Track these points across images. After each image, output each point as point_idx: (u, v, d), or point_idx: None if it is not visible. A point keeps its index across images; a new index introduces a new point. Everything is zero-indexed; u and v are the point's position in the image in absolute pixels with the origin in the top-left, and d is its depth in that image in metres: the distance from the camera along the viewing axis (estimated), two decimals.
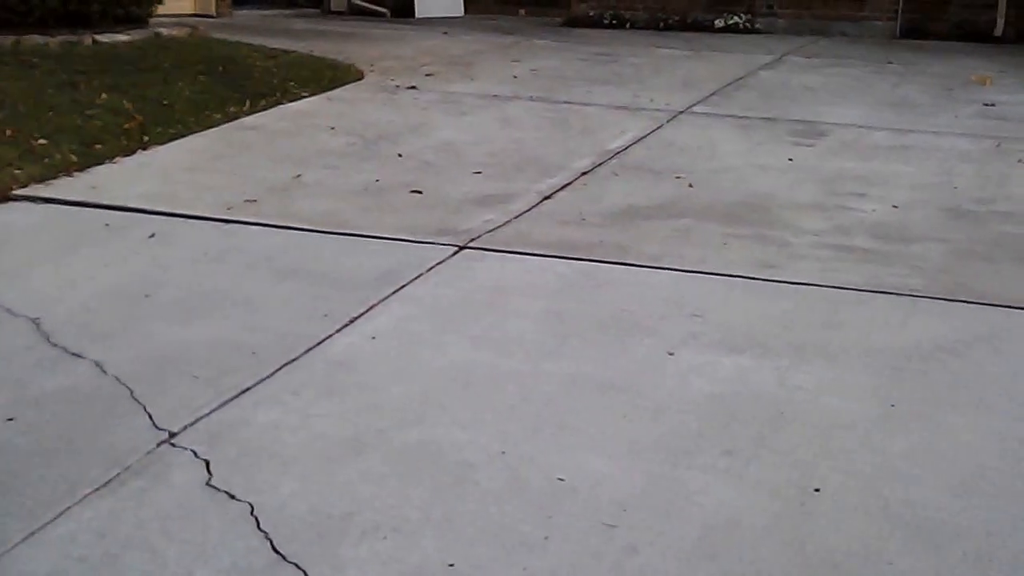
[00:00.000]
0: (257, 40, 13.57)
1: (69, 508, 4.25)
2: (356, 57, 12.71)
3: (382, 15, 18.72)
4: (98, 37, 11.92)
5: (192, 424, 4.86)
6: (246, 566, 3.87)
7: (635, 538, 4.09)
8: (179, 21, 14.18)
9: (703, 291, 6.27)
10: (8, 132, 8.74)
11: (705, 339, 5.63)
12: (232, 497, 4.30)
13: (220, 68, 11.29)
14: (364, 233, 7.15)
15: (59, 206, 7.67)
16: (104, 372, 5.26)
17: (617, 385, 5.16)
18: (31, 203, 7.69)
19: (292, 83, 10.98)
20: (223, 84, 10.87)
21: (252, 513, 4.19)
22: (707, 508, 4.32)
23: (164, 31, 12.85)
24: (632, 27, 17.68)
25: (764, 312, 6.00)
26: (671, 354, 5.44)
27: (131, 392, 5.08)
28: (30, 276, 6.55)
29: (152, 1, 12.71)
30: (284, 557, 3.92)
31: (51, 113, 9.33)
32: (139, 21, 12.73)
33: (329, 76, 11.43)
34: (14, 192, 7.79)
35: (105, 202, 7.66)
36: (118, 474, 4.52)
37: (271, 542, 4.01)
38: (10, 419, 4.85)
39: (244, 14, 17.34)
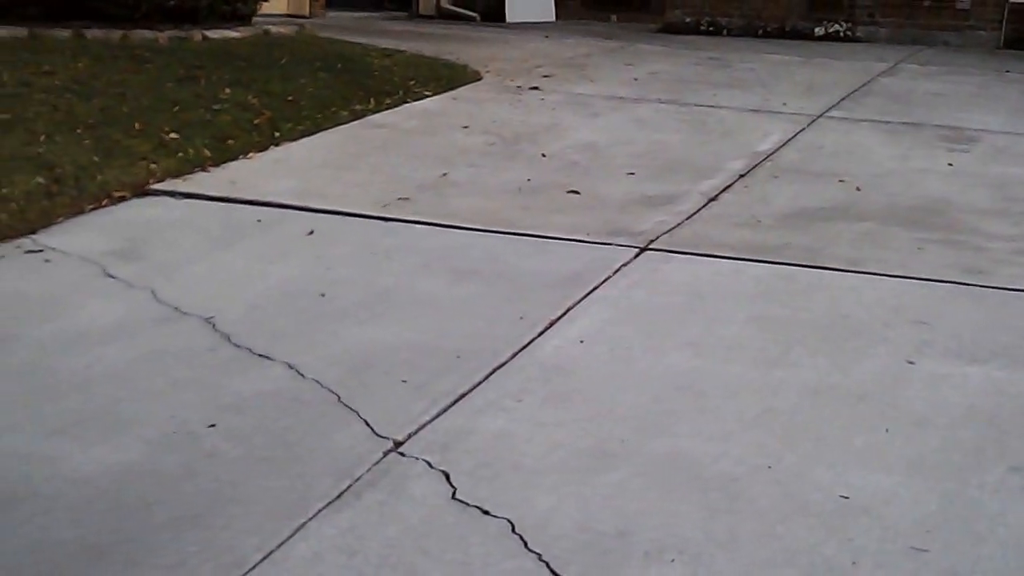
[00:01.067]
0: (360, 40, 13.10)
1: (305, 524, 3.82)
2: (467, 58, 12.30)
3: (471, 19, 18.28)
4: (207, 33, 11.53)
5: (416, 432, 4.47)
6: None
7: (953, 563, 3.70)
8: (276, 20, 13.67)
9: (919, 296, 5.86)
10: (137, 125, 8.37)
11: (939, 347, 5.22)
12: (485, 512, 3.88)
13: (339, 65, 10.90)
14: (534, 233, 6.76)
15: (201, 201, 7.29)
16: (301, 375, 4.83)
17: (865, 395, 4.76)
18: (170, 198, 7.28)
19: (413, 82, 10.58)
20: (344, 81, 10.46)
21: (514, 531, 3.76)
22: (1017, 530, 3.91)
23: (272, 28, 12.38)
24: (729, 34, 17.20)
25: (992, 319, 5.69)
26: (911, 363, 4.93)
27: (338, 397, 4.67)
28: (189, 272, 6.22)
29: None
30: None
31: (177, 108, 8.95)
32: (244, 19, 12.36)
33: (447, 76, 10.99)
34: (151, 187, 7.37)
35: (250, 198, 7.24)
36: (349, 486, 4.14)
37: (547, 565, 3.61)
38: (211, 425, 4.44)
39: (335, 15, 16.93)
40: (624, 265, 6.26)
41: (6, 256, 6.17)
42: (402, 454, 4.28)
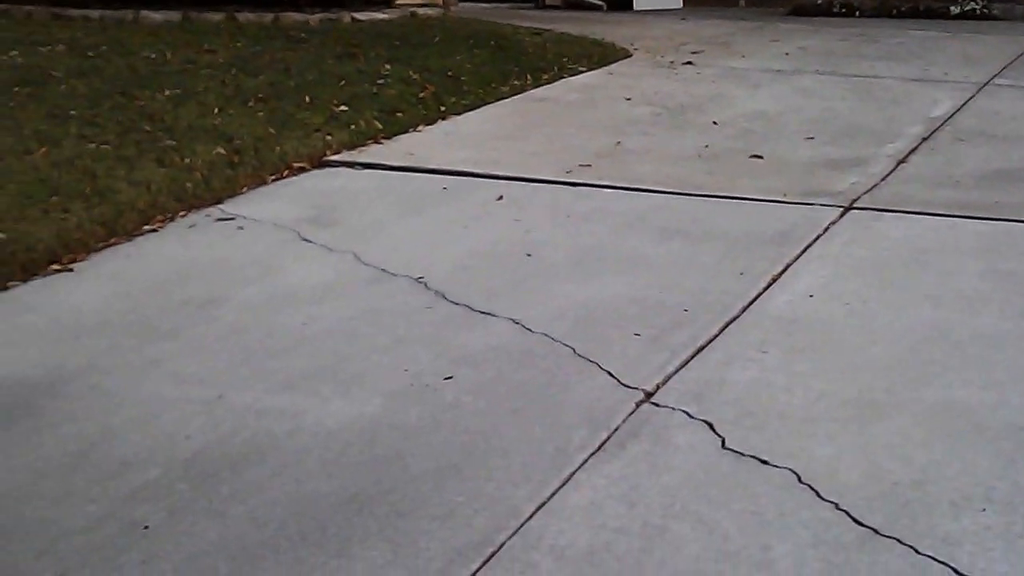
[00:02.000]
0: (503, 22, 12.82)
1: (573, 474, 3.59)
2: (612, 38, 12.04)
3: (599, 8, 17.94)
4: (355, 15, 11.33)
5: (664, 383, 4.20)
6: (833, 540, 3.13)
7: None
8: (415, 6, 13.43)
9: None
10: (307, 99, 8.20)
11: None
12: (764, 462, 3.59)
13: (492, 43, 10.68)
14: (729, 195, 6.40)
15: (383, 171, 7.07)
16: (528, 330, 4.54)
17: None
18: (350, 168, 7.07)
19: (566, 59, 10.33)
20: (500, 58, 10.22)
21: (801, 481, 3.42)
22: None
23: (419, 11, 12.13)
24: (861, 14, 16.68)
25: None
26: None
27: (573, 350, 4.41)
28: (387, 236, 6.03)
29: None
30: (876, 531, 3.11)
31: (342, 82, 8.79)
32: (388, 2, 12.10)
33: (599, 53, 10.73)
34: (329, 158, 7.16)
35: (432, 166, 7.00)
36: (608, 436, 3.90)
37: (847, 513, 3.24)
38: (448, 378, 4.19)
39: (466, 5, 16.62)
40: (833, 223, 5.95)
41: (197, 224, 6.00)
42: (656, 404, 3.99)
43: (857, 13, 16.86)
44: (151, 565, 3.19)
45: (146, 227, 6.00)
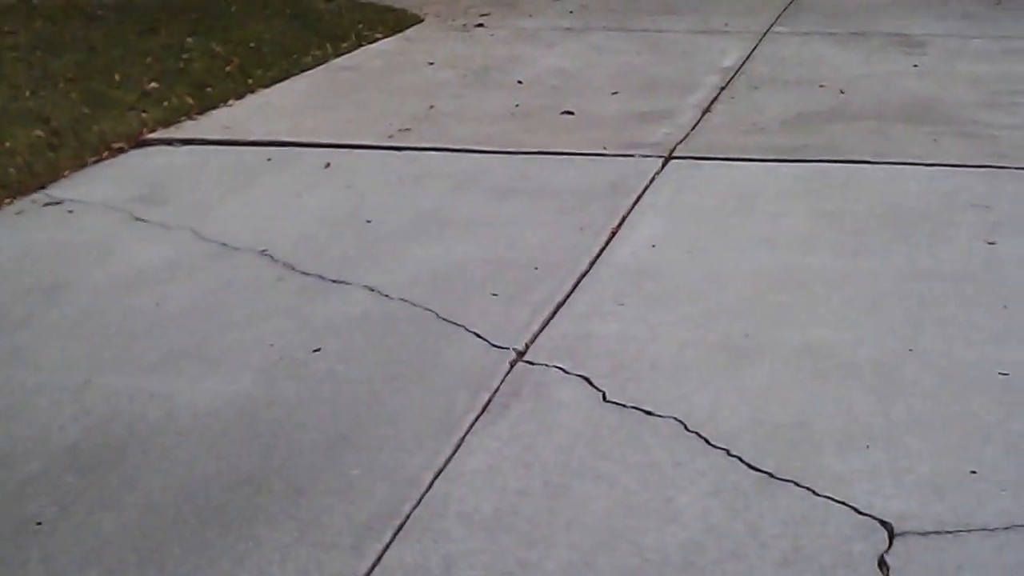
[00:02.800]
0: None
1: (464, 438, 3.54)
2: (401, 3, 11.78)
3: None
4: None
5: (533, 341, 4.16)
6: (731, 486, 3.09)
7: None
8: None
9: (962, 182, 5.72)
10: (117, 77, 7.88)
11: (1011, 227, 4.95)
12: (649, 413, 3.59)
13: (288, 12, 10.38)
14: (550, 151, 6.36)
15: (203, 146, 6.83)
16: (386, 296, 4.48)
17: (965, 276, 4.51)
18: (169, 146, 6.86)
19: (361, 25, 10.20)
20: (298, 27, 10.05)
21: (688, 429, 3.42)
22: None
23: None
24: None
25: None
26: (992, 243, 4.64)
27: (436, 314, 4.29)
28: (221, 211, 5.83)
29: None
30: (771, 475, 3.13)
31: (149, 59, 8.53)
32: None
33: (392, 19, 10.63)
34: (147, 136, 6.90)
35: (251, 139, 6.73)
36: (491, 397, 3.84)
37: (740, 459, 3.25)
38: (316, 350, 4.04)
39: None
40: (657, 173, 5.95)
41: (25, 211, 5.73)
42: (530, 362, 3.95)
43: None
44: (54, 561, 2.98)
45: None
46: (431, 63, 9.00)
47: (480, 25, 10.63)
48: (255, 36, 9.50)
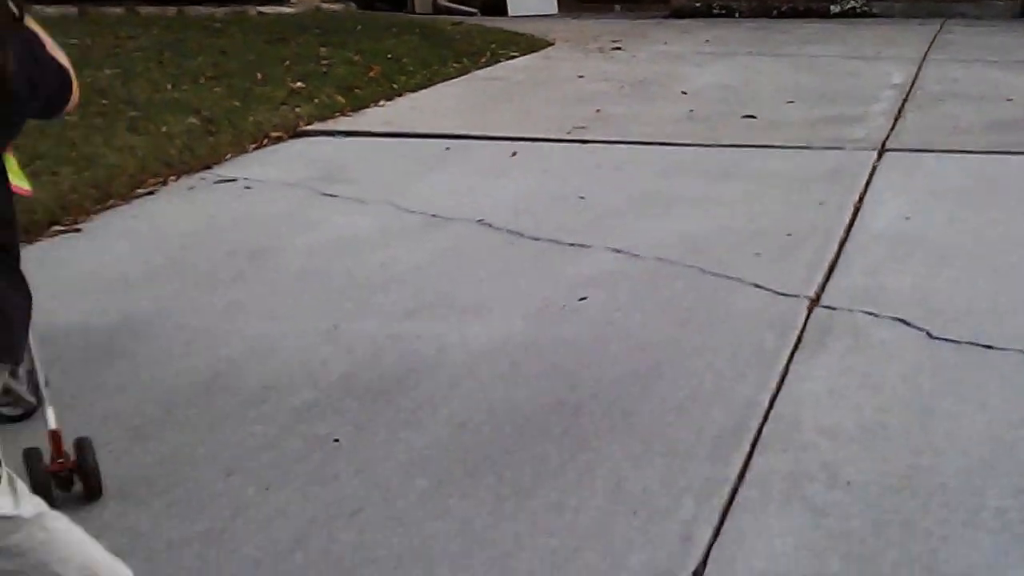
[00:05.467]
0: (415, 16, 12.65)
1: (789, 368, 3.61)
2: (525, 31, 11.73)
3: (471, 14, 17.73)
4: (260, 9, 10.95)
5: (822, 291, 4.23)
6: None
7: None
8: (302, 5, 13.12)
9: None
10: (259, 76, 7.87)
11: None
12: (988, 347, 3.68)
13: (417, 31, 10.41)
14: (752, 144, 6.29)
15: (369, 138, 6.82)
16: (637, 256, 4.36)
17: None
18: (331, 137, 6.79)
19: (494, 45, 10.25)
20: (430, 44, 10.07)
21: None
22: None
23: (323, 6, 11.86)
24: (741, 15, 16.81)
25: None
26: None
27: (701, 270, 4.15)
28: (416, 189, 5.82)
29: None
30: None
31: (287, 63, 8.48)
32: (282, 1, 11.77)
33: (523, 42, 10.69)
34: (303, 128, 6.86)
35: (423, 131, 6.63)
36: (799, 336, 3.85)
37: None
38: (582, 298, 4.05)
39: (340, 8, 16.25)
40: (877, 162, 5.93)
41: (196, 187, 5.73)
42: (830, 307, 3.83)
43: (737, 14, 17.00)
44: (369, 472, 2.98)
45: (139, 190, 5.61)
46: (581, 76, 9.02)
47: (617, 48, 10.70)
48: (389, 49, 9.57)
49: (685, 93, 8.18)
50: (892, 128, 6.79)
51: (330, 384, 3.42)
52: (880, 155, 6.03)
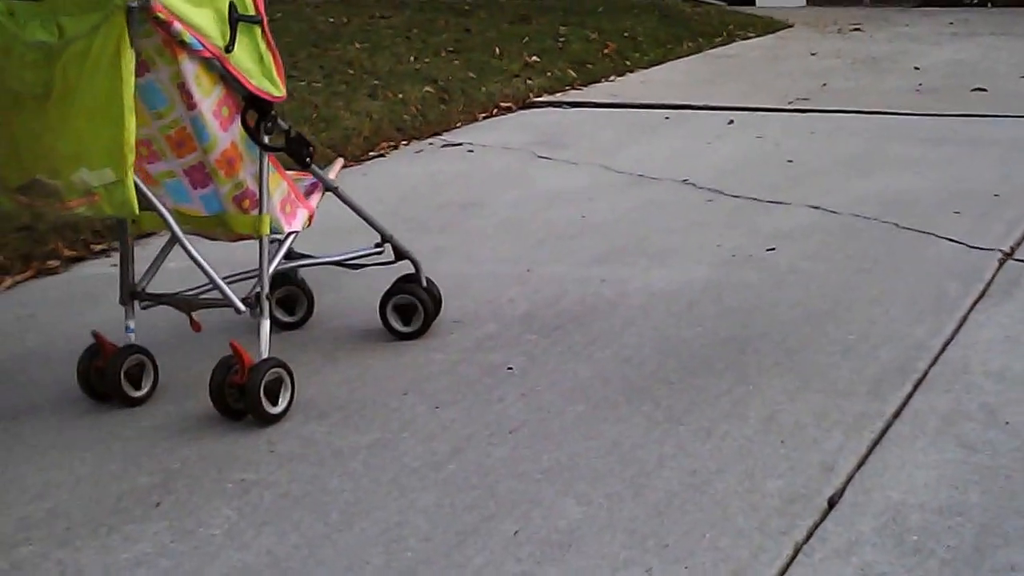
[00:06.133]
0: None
1: (968, 315, 3.34)
2: (764, 14, 11.51)
3: (718, 5, 17.44)
4: None
5: (1019, 246, 3.96)
6: None
7: None
8: None
9: None
10: (497, 51, 7.92)
11: None
12: None
13: (656, 12, 10.32)
14: (974, 113, 5.89)
15: (594, 108, 6.76)
16: (834, 212, 4.32)
17: None
18: (558, 108, 6.74)
19: (731, 26, 10.11)
20: (668, 24, 10.00)
21: None
22: None
23: None
24: (994, 5, 16.03)
25: None
26: None
27: (896, 225, 4.07)
28: (627, 153, 5.75)
29: None
30: None
31: (526, 39, 8.49)
32: None
33: (761, 23, 10.52)
34: (533, 99, 6.84)
35: (643, 102, 6.48)
36: (985, 287, 3.68)
37: None
38: (771, 249, 3.92)
39: None
40: None
41: (424, 151, 5.77)
42: (1022, 260, 3.49)
43: (989, 4, 16.30)
44: (535, 398, 2.96)
45: (372, 152, 5.68)
46: (813, 54, 8.81)
47: (856, 29, 10.39)
48: (626, 28, 9.54)
49: (917, 68, 7.95)
50: None
51: (513, 319, 3.43)
52: None
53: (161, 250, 3.07)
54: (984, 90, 6.92)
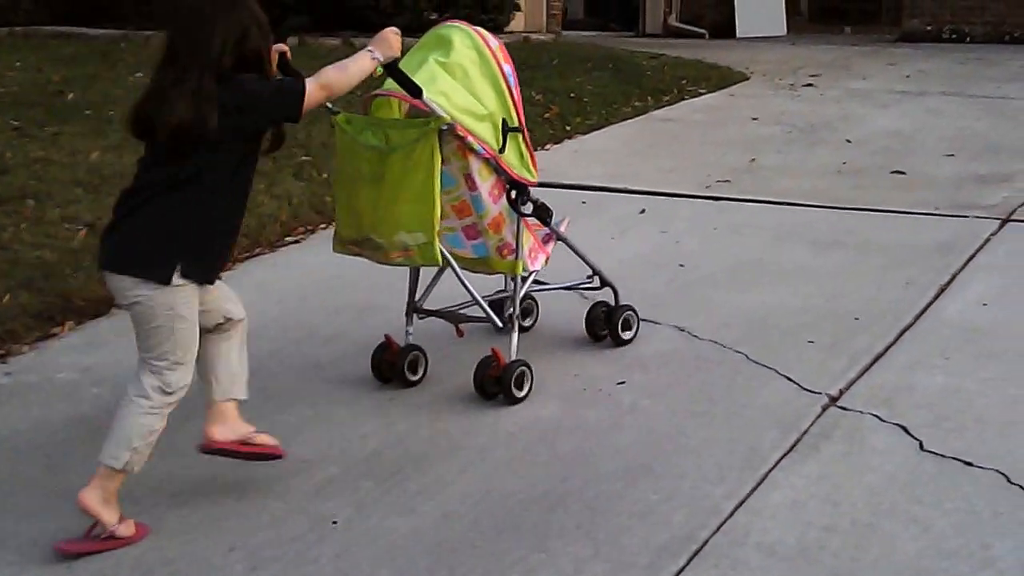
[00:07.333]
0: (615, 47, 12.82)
1: (769, 473, 3.63)
2: (726, 62, 12.04)
3: (701, 35, 17.87)
4: None
5: (848, 388, 4.23)
6: None
7: None
8: (518, 35, 13.42)
9: None
10: None
11: None
12: (970, 464, 3.64)
13: (610, 65, 10.65)
14: (878, 208, 6.33)
15: None
16: (696, 337, 4.40)
17: None
18: None
19: (684, 81, 10.38)
20: (619, 80, 10.28)
21: (1011, 481, 3.54)
22: None
23: (531, 36, 12.16)
24: (972, 40, 16.42)
25: None
26: None
27: (747, 356, 4.26)
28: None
29: (511, 10, 12.07)
30: None
31: None
32: (499, 29, 12.09)
33: (716, 76, 10.75)
34: None
35: (566, 182, 6.88)
36: (799, 437, 3.88)
37: None
38: (621, 382, 4.27)
39: (570, 34, 16.60)
40: (992, 235, 5.83)
41: None
42: (844, 408, 3.91)
43: (968, 39, 16.64)
44: (344, 559, 3.29)
45: (288, 238, 5.93)
46: (755, 118, 9.08)
47: (809, 85, 10.68)
48: (575, 86, 9.81)
49: (849, 141, 8.25)
50: None
51: (358, 459, 3.91)
52: (1002, 225, 5.99)
53: (433, 278, 4.43)
54: (903, 173, 7.21)
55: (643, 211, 6.33)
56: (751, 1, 17.45)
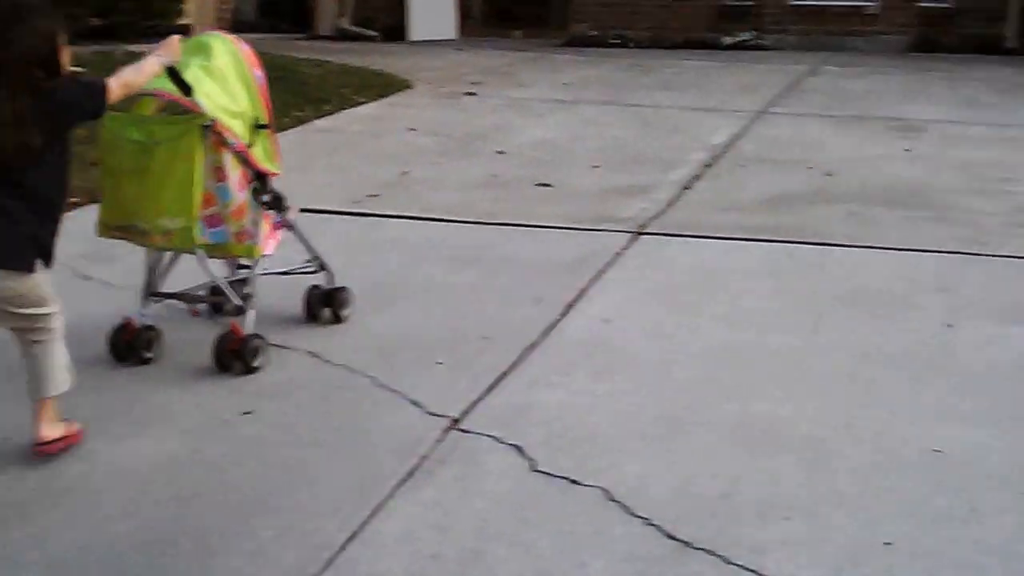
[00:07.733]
0: (282, 53, 12.81)
1: (384, 503, 3.65)
2: (393, 69, 12.17)
3: (373, 39, 18.04)
4: (129, 48, 11.12)
5: (470, 410, 4.34)
6: (646, 554, 3.26)
7: None
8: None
9: (931, 267, 5.81)
10: None
11: (971, 311, 5.01)
12: (575, 482, 3.73)
13: (272, 75, 10.48)
14: (519, 223, 6.55)
15: None
16: (328, 362, 4.55)
17: (915, 356, 4.57)
18: None
19: (347, 89, 10.44)
20: (281, 89, 10.13)
21: (612, 499, 3.58)
22: None
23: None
24: (636, 46, 17.18)
25: (1012, 285, 5.77)
26: (950, 326, 4.76)
27: (376, 381, 4.35)
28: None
29: (175, 16, 11.99)
30: (687, 543, 3.27)
31: None
32: (165, 35, 11.89)
33: (380, 84, 10.87)
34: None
35: None
36: (417, 464, 3.95)
37: (659, 528, 3.34)
38: (247, 412, 4.28)
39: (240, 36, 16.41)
40: (624, 249, 6.14)
41: None
42: (463, 430, 4.06)
43: (631, 44, 17.30)
44: None
45: None
46: (412, 129, 9.22)
47: (471, 93, 10.88)
48: None
49: (502, 152, 8.41)
50: (670, 203, 7.01)
51: None
52: (634, 239, 6.24)
53: (168, 263, 4.86)
54: (549, 185, 7.42)
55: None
56: (423, 4, 17.62)
